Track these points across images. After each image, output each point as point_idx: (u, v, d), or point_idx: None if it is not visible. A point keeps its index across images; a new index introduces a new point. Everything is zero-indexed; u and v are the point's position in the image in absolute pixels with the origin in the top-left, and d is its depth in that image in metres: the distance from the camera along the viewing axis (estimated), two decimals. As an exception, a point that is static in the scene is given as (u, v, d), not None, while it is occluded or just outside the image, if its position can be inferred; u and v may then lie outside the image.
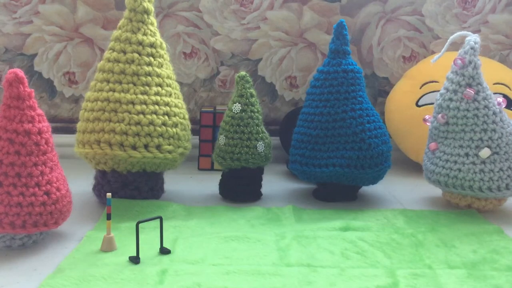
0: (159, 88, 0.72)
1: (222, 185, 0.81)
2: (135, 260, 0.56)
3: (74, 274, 0.52)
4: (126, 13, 0.74)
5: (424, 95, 0.99)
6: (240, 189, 0.79)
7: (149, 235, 0.63)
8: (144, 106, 0.70)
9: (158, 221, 0.59)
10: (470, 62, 0.73)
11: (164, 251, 0.59)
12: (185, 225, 0.68)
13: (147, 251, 0.58)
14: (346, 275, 0.54)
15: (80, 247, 0.59)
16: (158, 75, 0.73)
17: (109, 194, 0.59)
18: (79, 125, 0.74)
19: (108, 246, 0.59)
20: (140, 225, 0.56)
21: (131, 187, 0.74)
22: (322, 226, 0.68)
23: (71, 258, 0.56)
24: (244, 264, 0.56)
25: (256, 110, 0.77)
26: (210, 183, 0.87)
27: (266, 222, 0.70)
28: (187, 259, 0.57)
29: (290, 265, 0.56)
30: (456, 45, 0.79)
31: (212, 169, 1.01)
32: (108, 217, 0.59)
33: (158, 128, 0.71)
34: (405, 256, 0.59)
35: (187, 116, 0.78)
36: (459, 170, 0.74)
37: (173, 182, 0.85)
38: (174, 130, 0.73)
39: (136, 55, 0.71)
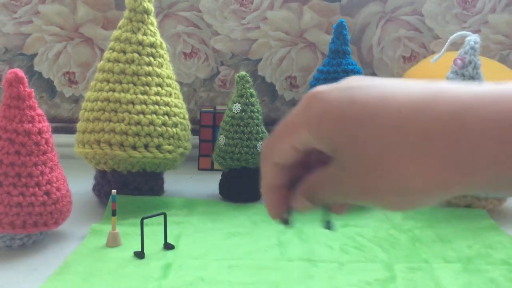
0: (159, 88, 0.72)
1: (222, 185, 0.81)
2: (140, 255, 0.56)
3: (81, 269, 0.53)
4: (126, 13, 0.74)
5: (424, 95, 0.98)
6: (240, 189, 0.79)
7: (153, 231, 0.63)
8: (144, 106, 0.70)
9: (161, 217, 0.60)
10: (470, 62, 0.73)
11: (168, 246, 0.59)
12: (188, 221, 0.69)
13: (152, 246, 0.59)
14: (345, 269, 0.55)
15: (85, 242, 0.60)
16: (158, 75, 0.73)
17: (114, 191, 0.60)
18: (79, 125, 0.74)
19: (113, 242, 0.59)
20: (144, 221, 0.57)
21: (131, 187, 0.74)
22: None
23: (77, 253, 0.57)
24: (246, 259, 0.57)
25: (256, 110, 0.77)
26: (210, 183, 0.87)
27: (266, 219, 0.71)
28: (190, 254, 0.58)
29: (290, 260, 0.57)
30: (456, 45, 0.79)
31: (212, 169, 1.01)
32: (113, 213, 0.59)
33: (158, 128, 0.71)
34: (402, 251, 0.60)
35: (187, 116, 0.78)
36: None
37: (173, 182, 0.85)
38: (174, 130, 0.73)
39: (136, 55, 0.71)
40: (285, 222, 0.39)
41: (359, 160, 0.30)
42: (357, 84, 0.31)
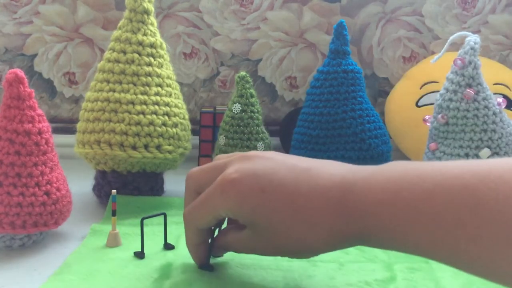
0: (159, 88, 0.72)
1: (222, 185, 0.81)
2: (140, 255, 0.56)
3: (81, 269, 0.52)
4: (126, 13, 0.74)
5: (424, 95, 0.99)
6: (240, 189, 0.79)
7: (153, 231, 0.63)
8: (144, 106, 0.71)
9: (161, 217, 0.60)
10: (470, 63, 0.73)
11: (168, 246, 0.59)
12: None
13: (152, 246, 0.59)
14: (345, 269, 0.55)
15: (85, 242, 0.60)
16: (158, 75, 0.73)
17: (114, 191, 0.60)
18: (79, 125, 0.74)
19: (113, 242, 0.59)
20: (144, 221, 0.57)
21: (131, 187, 0.74)
22: None
23: (77, 253, 0.57)
24: (246, 259, 0.56)
25: (256, 110, 0.77)
26: (210, 183, 0.87)
27: None
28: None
29: (290, 260, 0.56)
30: (456, 46, 0.79)
31: (212, 169, 1.01)
32: (113, 213, 0.59)
33: (158, 128, 0.71)
34: None
35: (187, 116, 0.78)
36: (459, 170, 0.74)
37: (173, 182, 0.85)
38: (174, 130, 0.73)
39: (136, 55, 0.72)
40: (209, 268, 0.51)
41: (270, 231, 0.41)
42: (261, 170, 0.41)
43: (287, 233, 0.40)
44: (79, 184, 0.78)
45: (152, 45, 0.73)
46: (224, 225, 0.53)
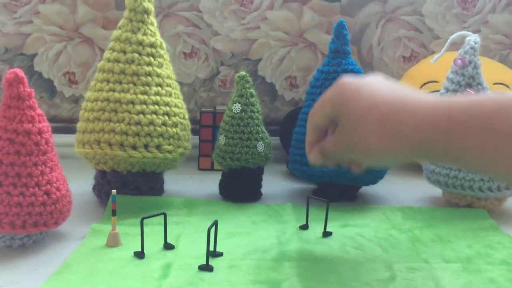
0: (159, 88, 0.72)
1: (222, 185, 0.81)
2: (140, 255, 0.56)
3: (81, 269, 0.53)
4: (126, 13, 0.74)
5: (424, 95, 0.99)
6: (240, 189, 0.79)
7: (153, 231, 0.63)
8: (144, 106, 0.70)
9: (161, 217, 0.60)
10: (470, 62, 0.73)
11: (168, 246, 0.59)
12: (188, 221, 0.69)
13: (151, 246, 0.59)
14: (345, 269, 0.55)
15: (85, 242, 0.60)
16: (158, 75, 0.73)
17: (114, 191, 0.60)
18: (79, 125, 0.74)
19: (113, 242, 0.59)
20: (144, 221, 0.57)
21: (131, 187, 0.74)
22: (321, 223, 0.69)
23: (77, 253, 0.57)
24: (246, 259, 0.57)
25: (256, 110, 0.77)
26: (210, 183, 0.87)
27: (266, 219, 0.71)
28: (190, 254, 0.57)
29: (290, 260, 0.56)
30: (456, 45, 0.79)
31: (212, 169, 1.01)
32: (113, 213, 0.59)
33: (158, 128, 0.71)
34: (402, 251, 0.60)
35: (187, 116, 0.78)
36: (459, 170, 0.74)
37: (173, 182, 0.85)
38: (174, 130, 0.73)
39: (136, 55, 0.71)
40: (208, 268, 0.54)
41: (349, 125, 0.49)
42: (366, 81, 0.50)
43: (358, 129, 0.47)
44: (79, 184, 0.78)
45: (152, 45, 0.73)
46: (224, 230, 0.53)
